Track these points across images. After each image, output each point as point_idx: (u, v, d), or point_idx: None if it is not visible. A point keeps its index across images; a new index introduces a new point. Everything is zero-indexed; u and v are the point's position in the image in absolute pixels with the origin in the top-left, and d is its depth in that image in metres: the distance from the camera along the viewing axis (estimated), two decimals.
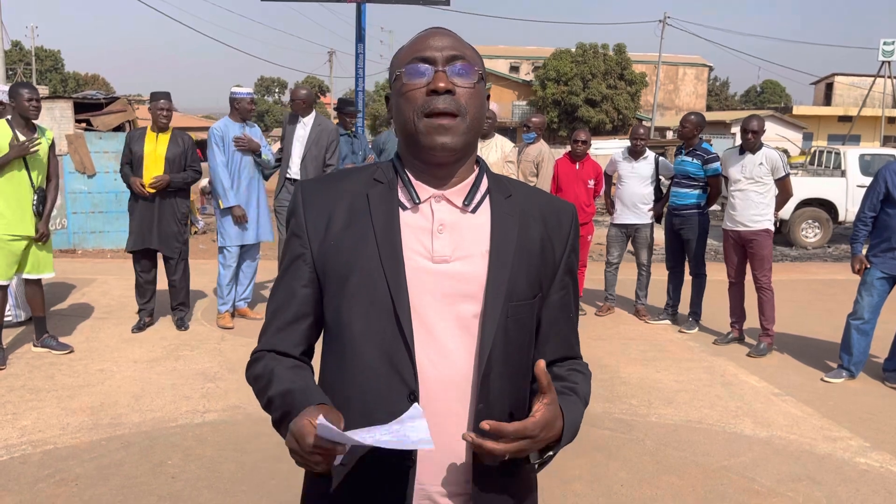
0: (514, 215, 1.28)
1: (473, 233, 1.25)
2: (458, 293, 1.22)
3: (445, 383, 1.21)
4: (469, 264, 1.23)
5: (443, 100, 1.19)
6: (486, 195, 1.29)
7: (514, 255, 1.25)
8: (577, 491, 3.49)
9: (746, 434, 4.22)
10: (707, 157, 6.26)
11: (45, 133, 5.09)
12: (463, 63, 1.22)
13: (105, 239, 9.83)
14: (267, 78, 69.14)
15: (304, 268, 1.28)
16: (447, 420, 1.21)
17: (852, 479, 3.69)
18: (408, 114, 1.21)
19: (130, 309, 6.61)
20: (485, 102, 1.27)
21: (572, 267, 1.37)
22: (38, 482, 3.42)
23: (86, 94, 11.41)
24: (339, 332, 1.25)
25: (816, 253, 11.73)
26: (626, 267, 7.45)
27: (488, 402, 1.22)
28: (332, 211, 1.27)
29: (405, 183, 1.26)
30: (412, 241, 1.23)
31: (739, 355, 5.77)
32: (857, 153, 12.69)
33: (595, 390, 4.85)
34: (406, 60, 1.23)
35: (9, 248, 4.90)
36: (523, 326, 1.27)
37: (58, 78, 54.50)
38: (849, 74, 40.67)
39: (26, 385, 4.68)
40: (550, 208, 1.35)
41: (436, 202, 1.25)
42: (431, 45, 1.22)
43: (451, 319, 1.22)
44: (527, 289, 1.26)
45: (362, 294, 1.21)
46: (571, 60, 35.83)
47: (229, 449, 3.81)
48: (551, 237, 1.32)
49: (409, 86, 1.21)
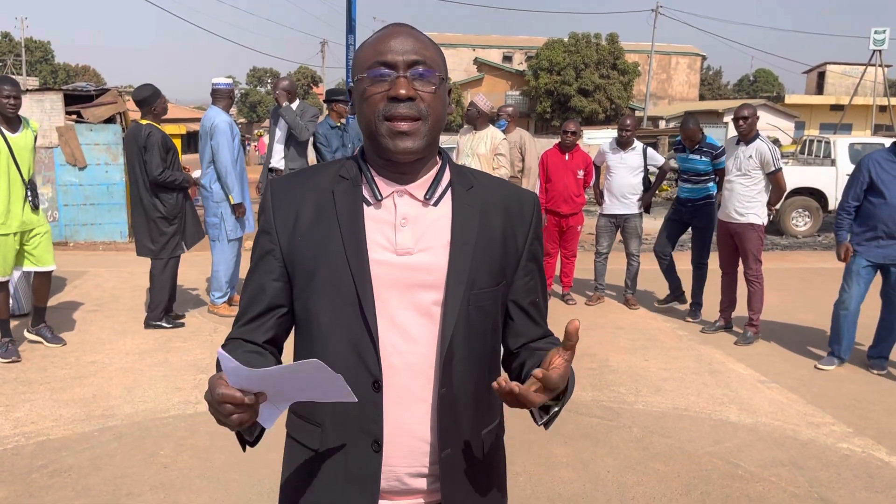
0: (475, 206, 1.32)
1: (435, 225, 1.29)
2: (421, 284, 1.27)
3: (410, 370, 1.27)
4: (431, 255, 1.28)
5: (404, 106, 1.22)
6: (448, 188, 1.33)
7: (475, 246, 1.29)
8: (564, 477, 3.54)
9: (732, 421, 4.29)
10: (716, 153, 6.35)
11: (31, 124, 5.08)
12: (424, 67, 1.24)
13: (97, 231, 9.83)
14: (259, 68, 68.76)
15: (274, 262, 1.33)
16: (412, 404, 1.27)
17: (834, 463, 3.76)
18: (370, 118, 1.25)
19: (122, 301, 6.64)
20: (446, 103, 1.30)
21: (536, 254, 1.41)
22: (32, 473, 3.46)
23: (76, 86, 11.38)
24: (308, 324, 1.31)
25: (806, 242, 11.82)
26: (616, 257, 7.51)
27: (451, 386, 1.28)
28: (300, 208, 1.31)
29: (368, 180, 1.30)
30: (376, 235, 1.27)
31: (727, 344, 5.83)
32: (847, 142, 12.77)
33: (583, 378, 4.92)
34: (368, 63, 1.25)
35: (6, 245, 4.91)
36: (486, 313, 1.32)
37: (48, 69, 54.17)
38: (841, 63, 40.70)
39: (19, 377, 4.71)
40: (512, 198, 1.38)
41: (398, 196, 1.29)
42: (393, 47, 1.23)
43: (415, 309, 1.27)
44: (488, 277, 1.31)
45: (329, 287, 1.26)
46: (564, 50, 35.78)
47: (221, 439, 3.85)
48: (513, 226, 1.36)
49: (371, 91, 1.24)
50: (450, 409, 1.29)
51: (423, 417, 1.28)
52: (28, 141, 5.00)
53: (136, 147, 5.57)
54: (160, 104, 5.73)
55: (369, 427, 1.27)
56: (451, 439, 1.29)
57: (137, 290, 7.08)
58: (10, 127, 4.91)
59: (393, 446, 1.27)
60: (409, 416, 1.27)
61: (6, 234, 4.89)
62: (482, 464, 1.36)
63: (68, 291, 7.00)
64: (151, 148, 5.50)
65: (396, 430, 1.27)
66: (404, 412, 1.27)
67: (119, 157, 9.74)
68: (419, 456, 1.29)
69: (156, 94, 5.74)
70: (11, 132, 4.89)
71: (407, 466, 1.29)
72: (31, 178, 5.02)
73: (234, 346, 1.32)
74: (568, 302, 7.00)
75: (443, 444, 1.28)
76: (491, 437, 1.39)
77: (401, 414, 1.27)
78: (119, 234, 9.88)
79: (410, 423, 1.27)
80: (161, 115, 5.76)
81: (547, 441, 3.93)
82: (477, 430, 1.34)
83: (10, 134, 4.88)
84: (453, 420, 1.29)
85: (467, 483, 1.33)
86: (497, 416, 1.42)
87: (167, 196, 5.65)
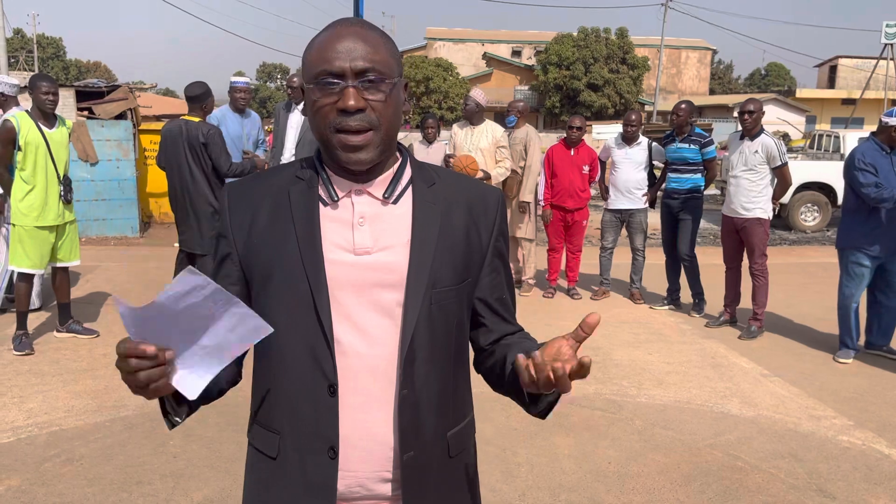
0: (436, 203, 1.29)
1: (395, 223, 1.26)
2: (380, 283, 1.24)
3: (371, 372, 1.24)
4: (391, 254, 1.25)
5: (354, 119, 1.18)
6: (408, 185, 1.30)
7: (437, 244, 1.26)
8: (566, 468, 3.60)
9: (733, 413, 4.33)
10: (704, 142, 6.35)
11: (65, 122, 5.22)
12: (374, 74, 1.18)
13: (108, 226, 9.95)
14: (269, 64, 69.01)
15: (232, 267, 1.31)
16: (373, 407, 1.24)
17: (834, 455, 3.79)
18: (321, 129, 1.22)
19: (134, 295, 6.74)
20: (400, 106, 1.26)
21: (501, 251, 1.38)
22: (45, 462, 3.55)
23: (87, 83, 11.49)
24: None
25: (815, 237, 11.79)
26: (621, 251, 7.54)
27: (413, 387, 1.25)
28: (256, 210, 1.28)
29: (324, 180, 1.27)
30: (333, 235, 1.24)
31: (731, 338, 5.87)
32: (857, 136, 12.71)
33: None
34: (315, 70, 1.20)
35: (41, 238, 5.05)
36: (448, 312, 1.29)
37: (59, 65, 54.50)
38: (852, 57, 40.43)
39: (32, 369, 4.81)
40: (476, 194, 1.35)
41: (356, 195, 1.26)
42: (340, 53, 1.18)
43: (375, 310, 1.24)
44: (451, 275, 1.28)
45: (284, 290, 1.24)
46: (573, 45, 35.72)
47: (229, 430, 3.93)
48: (477, 223, 1.33)
49: (320, 103, 1.20)
50: (410, 410, 1.25)
51: (384, 420, 1.24)
52: (63, 137, 5.17)
53: (187, 144, 5.56)
54: (210, 103, 5.70)
55: (325, 433, 1.23)
56: (412, 442, 1.25)
57: (149, 285, 7.18)
58: (48, 123, 5.07)
59: (353, 451, 1.24)
60: (369, 419, 1.24)
61: (43, 226, 5.04)
62: (448, 467, 1.32)
63: (81, 286, 7.10)
64: (216, 142, 5.46)
65: (356, 434, 1.24)
66: (365, 415, 1.23)
67: (130, 153, 9.85)
68: (381, 461, 1.25)
69: (207, 92, 5.71)
70: (48, 128, 5.06)
71: (369, 471, 1.25)
72: (65, 173, 5.17)
73: None
74: (573, 296, 7.04)
75: (404, 447, 1.25)
76: (458, 438, 1.35)
77: (361, 417, 1.23)
78: (130, 228, 9.99)
79: (371, 426, 1.24)
80: (209, 114, 5.75)
81: (549, 432, 3.98)
82: (441, 432, 1.30)
83: (47, 130, 5.05)
84: (415, 422, 1.25)
85: (430, 487, 1.29)
86: (465, 417, 1.38)
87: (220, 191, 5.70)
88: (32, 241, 5.03)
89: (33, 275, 5.18)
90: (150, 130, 10.94)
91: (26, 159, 4.96)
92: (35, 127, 4.97)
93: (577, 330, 1.13)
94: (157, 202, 11.01)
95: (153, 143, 10.74)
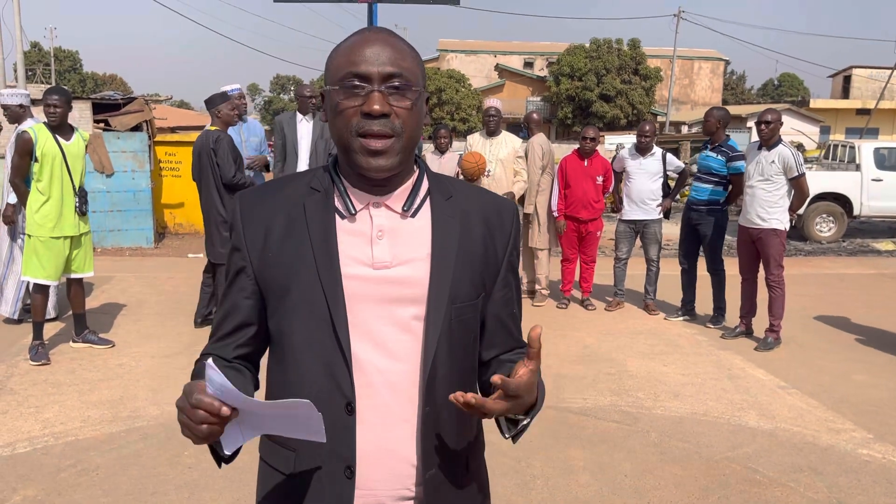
0: (454, 217, 1.27)
1: (414, 237, 1.24)
2: (400, 298, 1.22)
3: (391, 389, 1.22)
4: (411, 269, 1.23)
5: (377, 123, 1.16)
6: (426, 198, 1.28)
7: (456, 258, 1.24)
8: (582, 481, 3.57)
9: (751, 426, 4.28)
10: (732, 155, 6.25)
11: (81, 134, 5.27)
12: (401, 81, 1.17)
13: (123, 237, 10.01)
14: (283, 76, 69.54)
15: (246, 280, 1.28)
16: (394, 424, 1.22)
17: (854, 469, 3.74)
18: (342, 132, 1.19)
19: (148, 306, 6.77)
20: (423, 117, 1.24)
21: (514, 265, 1.36)
22: (60, 472, 3.56)
23: (104, 95, 11.62)
24: (281, 343, 1.26)
25: (831, 247, 11.69)
26: (636, 262, 7.51)
27: (435, 404, 1.23)
28: (270, 223, 1.25)
29: (341, 192, 1.25)
30: (351, 249, 1.22)
31: (747, 349, 5.81)
32: (872, 147, 12.62)
33: (602, 383, 4.94)
34: (340, 73, 1.18)
35: (56, 249, 5.09)
36: (467, 327, 1.28)
37: (76, 78, 55.12)
38: (867, 67, 40.22)
39: (48, 379, 4.83)
40: (492, 207, 1.33)
41: (374, 208, 1.24)
42: (368, 57, 1.16)
43: (395, 325, 1.22)
44: (470, 290, 1.26)
45: (301, 305, 1.21)
46: (586, 56, 35.78)
47: None
48: (493, 237, 1.31)
49: (344, 105, 1.18)
50: (433, 427, 1.23)
51: (406, 438, 1.22)
52: (80, 148, 5.23)
53: (202, 153, 5.60)
54: (225, 108, 5.67)
55: (341, 452, 1.21)
56: (435, 459, 1.24)
57: (163, 295, 7.21)
58: (64, 135, 5.12)
59: (372, 469, 1.22)
60: (390, 437, 1.22)
61: (58, 237, 5.08)
62: (467, 481, 1.33)
63: (96, 296, 7.14)
64: (222, 151, 5.53)
65: (377, 452, 1.22)
66: (386, 433, 1.21)
67: (145, 165, 9.92)
68: (402, 478, 1.23)
69: (215, 97, 5.74)
70: (65, 140, 5.12)
71: (389, 490, 1.23)
72: (81, 185, 5.21)
73: (205, 362, 1.27)
74: (587, 307, 7.01)
75: (427, 465, 1.23)
76: (475, 452, 1.36)
77: (381, 434, 1.21)
78: (145, 239, 10.05)
79: (392, 444, 1.22)
80: (228, 121, 5.72)
81: (564, 444, 3.95)
82: (461, 447, 1.30)
83: (64, 141, 5.10)
84: (437, 439, 1.24)
85: (450, 503, 1.29)
86: (479, 431, 1.39)
87: (230, 200, 5.70)
88: (47, 252, 5.06)
89: (48, 286, 5.21)
90: (165, 142, 11.05)
91: (42, 170, 5.01)
92: (52, 138, 5.02)
93: (528, 349, 1.13)
94: (171, 213, 11.09)
95: (168, 154, 10.85)
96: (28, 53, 45.98)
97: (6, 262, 6.01)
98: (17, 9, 19.08)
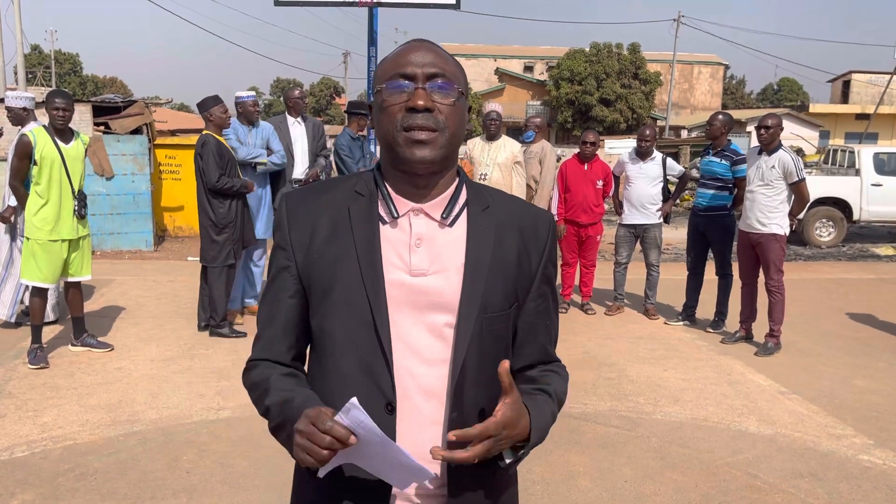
0: (490, 228, 1.31)
1: (450, 247, 1.28)
2: (433, 305, 1.26)
3: (422, 393, 1.26)
4: (444, 278, 1.27)
5: (422, 117, 1.22)
6: (464, 207, 1.32)
7: (489, 269, 1.28)
8: (582, 487, 3.56)
9: (751, 431, 4.27)
10: (736, 159, 6.23)
11: (81, 137, 5.26)
12: (443, 80, 1.24)
13: (123, 240, 10.00)
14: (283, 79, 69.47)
15: (290, 279, 1.32)
16: (425, 427, 1.26)
17: (854, 475, 3.73)
18: (388, 128, 1.25)
19: (148, 309, 6.76)
20: (465, 118, 1.29)
21: (550, 277, 1.39)
22: (58, 476, 3.55)
23: (104, 98, 11.62)
24: (322, 341, 1.31)
25: (830, 252, 11.69)
26: (636, 266, 7.50)
27: (462, 410, 1.26)
28: (316, 224, 1.30)
29: (384, 196, 1.29)
30: (391, 255, 1.27)
31: (747, 354, 5.80)
32: (872, 152, 12.63)
33: (602, 388, 4.93)
34: (387, 75, 1.25)
35: (54, 252, 5.08)
36: (498, 337, 1.31)
37: (76, 81, 55.15)
38: (866, 72, 40.26)
39: (47, 383, 4.82)
40: (528, 219, 1.37)
41: (414, 216, 1.28)
42: (413, 60, 1.24)
43: (428, 332, 1.26)
44: (502, 300, 1.30)
45: (343, 306, 1.26)
46: (585, 60, 35.80)
47: (243, 445, 3.91)
48: (528, 248, 1.34)
49: (389, 101, 1.24)
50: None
51: (434, 440, 1.26)
52: (79, 152, 5.21)
53: (195, 158, 5.70)
54: (216, 111, 5.69)
55: None
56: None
57: (162, 299, 7.20)
58: (63, 138, 5.11)
59: None
60: (422, 439, 1.25)
61: (55, 240, 5.07)
62: (492, 486, 1.34)
63: (95, 299, 7.13)
64: (206, 156, 5.58)
65: (410, 453, 1.23)
66: (417, 435, 1.26)
67: (145, 168, 9.92)
68: (431, 479, 1.26)
69: (206, 100, 5.76)
70: (65, 143, 5.11)
71: (419, 490, 1.28)
72: (80, 188, 5.20)
73: (265, 369, 1.32)
74: (587, 312, 7.00)
75: (453, 468, 1.27)
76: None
77: (415, 436, 1.25)
78: (144, 242, 10.04)
79: (423, 446, 1.24)
80: (220, 124, 5.75)
81: (564, 450, 3.94)
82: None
83: (63, 145, 5.09)
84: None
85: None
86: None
87: (219, 204, 5.72)
88: (45, 255, 5.05)
89: (47, 289, 5.20)
90: (165, 145, 11.05)
91: (41, 174, 5.00)
92: (51, 142, 5.01)
93: (503, 385, 1.18)
94: (171, 216, 11.09)
95: (168, 157, 10.86)
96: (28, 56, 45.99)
97: (5, 264, 6.00)
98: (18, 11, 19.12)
